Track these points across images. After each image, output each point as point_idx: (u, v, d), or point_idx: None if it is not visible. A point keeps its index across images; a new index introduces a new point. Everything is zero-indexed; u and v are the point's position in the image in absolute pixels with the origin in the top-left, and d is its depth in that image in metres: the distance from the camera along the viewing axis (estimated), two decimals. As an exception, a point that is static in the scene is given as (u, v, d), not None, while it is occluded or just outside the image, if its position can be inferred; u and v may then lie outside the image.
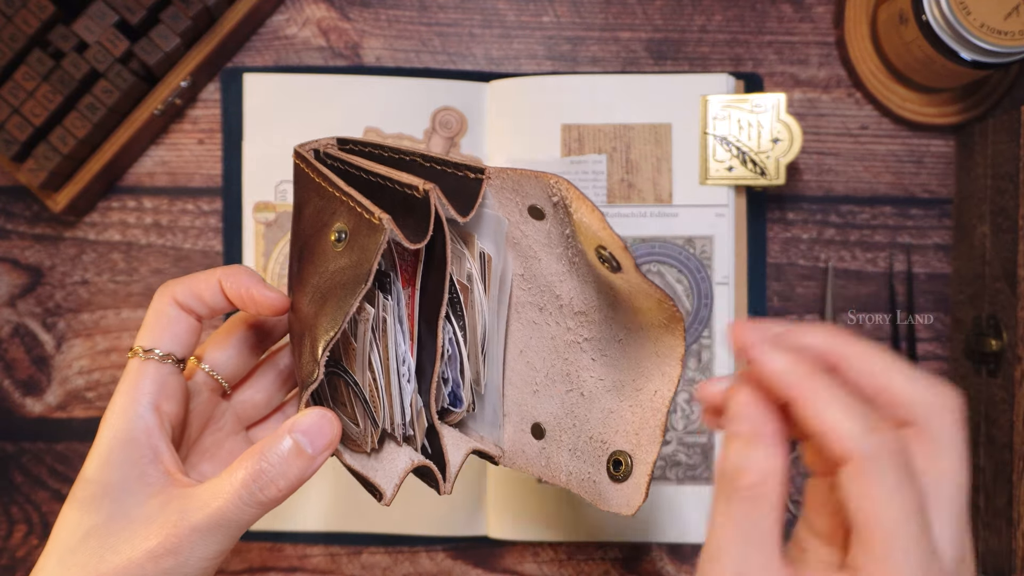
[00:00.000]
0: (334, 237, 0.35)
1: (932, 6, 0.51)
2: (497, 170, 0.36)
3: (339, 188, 0.36)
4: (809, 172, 0.60)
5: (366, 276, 0.33)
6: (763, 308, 0.58)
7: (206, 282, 0.37)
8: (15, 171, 0.55)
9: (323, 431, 0.35)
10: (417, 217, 0.35)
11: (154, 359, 0.36)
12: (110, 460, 0.35)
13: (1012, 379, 0.52)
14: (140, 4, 0.55)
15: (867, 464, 0.27)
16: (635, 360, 0.38)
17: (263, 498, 0.34)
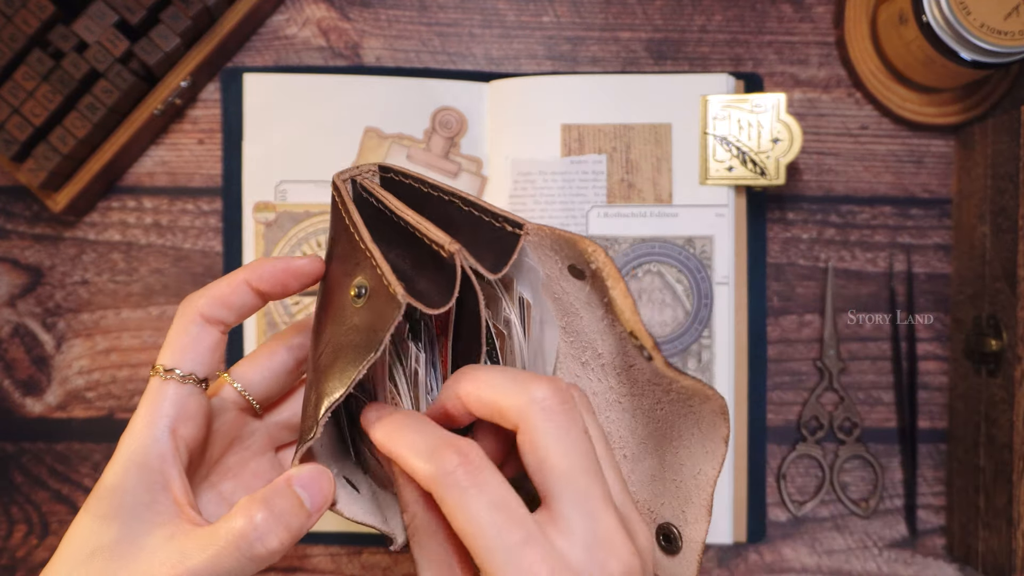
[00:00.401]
0: (354, 292, 0.34)
1: (932, 6, 0.51)
2: (536, 227, 0.35)
3: (364, 241, 0.34)
4: (809, 172, 0.60)
5: (377, 345, 0.32)
6: (763, 308, 0.58)
7: (230, 286, 0.36)
8: (15, 171, 0.55)
9: (322, 488, 0.34)
10: (445, 275, 0.33)
11: (175, 379, 0.35)
12: (124, 481, 0.34)
13: (1012, 379, 0.52)
14: (140, 4, 0.55)
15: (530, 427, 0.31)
16: (676, 429, 0.36)
17: (261, 551, 0.32)
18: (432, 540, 0.33)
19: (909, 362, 0.59)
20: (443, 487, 0.30)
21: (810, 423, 0.59)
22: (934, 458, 0.59)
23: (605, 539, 0.30)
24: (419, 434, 0.32)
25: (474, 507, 0.29)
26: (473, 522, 0.29)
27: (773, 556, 0.59)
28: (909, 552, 0.59)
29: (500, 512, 0.30)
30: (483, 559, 0.29)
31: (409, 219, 0.35)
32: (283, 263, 0.36)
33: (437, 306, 0.33)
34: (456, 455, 0.30)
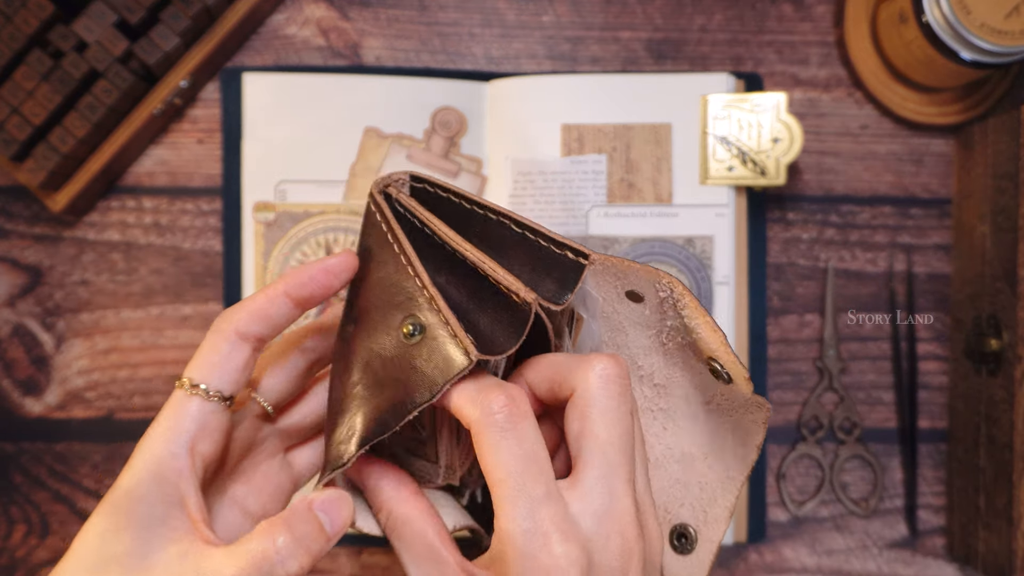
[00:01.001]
0: (407, 330, 0.32)
1: (932, 6, 0.51)
2: (602, 257, 0.33)
3: (421, 278, 0.33)
4: (809, 172, 0.60)
5: (436, 391, 0.31)
6: (763, 308, 0.58)
7: (269, 299, 0.35)
8: (15, 171, 0.55)
9: (341, 512, 0.34)
10: (512, 315, 0.33)
11: (200, 395, 0.35)
12: (139, 492, 0.34)
13: (1012, 379, 0.52)
14: (140, 4, 0.55)
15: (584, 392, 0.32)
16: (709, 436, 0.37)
17: (282, 573, 0.32)
18: (411, 531, 0.34)
19: (909, 362, 0.59)
20: (483, 426, 0.31)
21: (810, 423, 0.59)
22: (934, 458, 0.59)
23: (616, 516, 0.32)
24: (473, 380, 0.33)
25: (507, 452, 0.31)
26: (503, 466, 0.31)
27: (773, 556, 0.59)
28: (909, 552, 0.59)
29: (531, 464, 0.31)
30: (503, 502, 0.31)
31: (469, 256, 0.34)
32: (319, 265, 0.36)
33: (504, 350, 0.32)
34: (503, 396, 0.32)
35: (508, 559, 0.31)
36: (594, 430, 0.32)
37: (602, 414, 0.32)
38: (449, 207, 0.36)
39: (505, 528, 0.31)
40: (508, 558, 0.31)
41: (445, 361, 0.31)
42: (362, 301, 0.35)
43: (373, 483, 0.35)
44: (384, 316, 0.34)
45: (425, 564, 0.34)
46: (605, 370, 0.32)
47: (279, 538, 0.32)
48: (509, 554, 0.31)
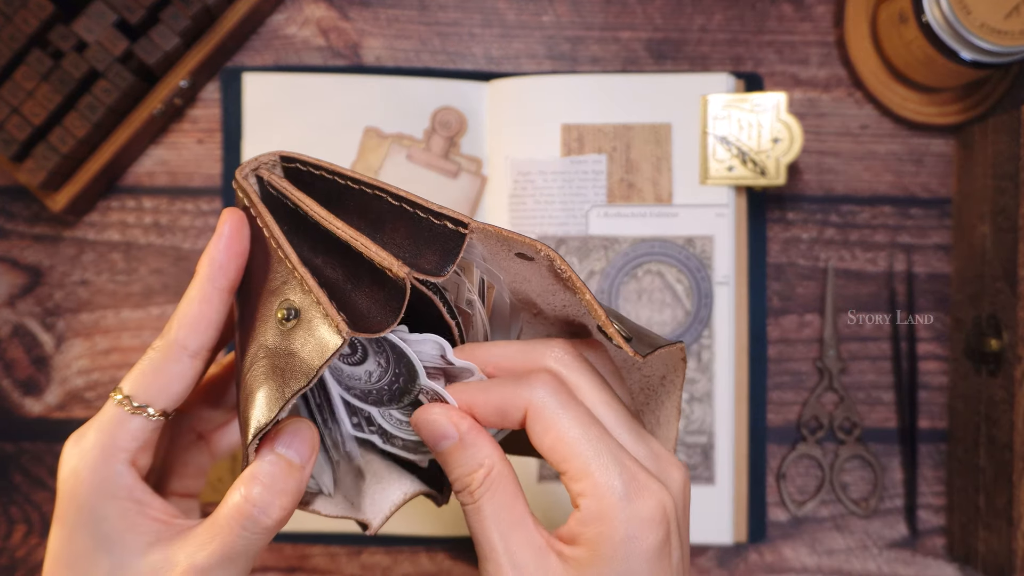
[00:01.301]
0: (282, 315, 0.32)
1: (932, 6, 0.51)
2: (480, 225, 0.32)
3: (290, 260, 0.32)
4: (809, 172, 0.60)
5: (311, 374, 0.30)
6: (763, 308, 0.58)
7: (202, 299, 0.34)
8: (15, 171, 0.55)
9: (305, 438, 0.33)
10: (389, 291, 0.32)
11: (140, 414, 0.33)
12: (93, 515, 0.33)
13: (1012, 379, 0.52)
14: (140, 4, 0.55)
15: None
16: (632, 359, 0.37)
17: (268, 522, 0.32)
18: (507, 489, 0.33)
19: (909, 362, 0.59)
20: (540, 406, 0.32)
21: (810, 423, 0.59)
22: (934, 458, 0.59)
23: (662, 455, 0.34)
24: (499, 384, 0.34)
25: (572, 422, 0.32)
26: (573, 433, 0.32)
27: (773, 556, 0.59)
28: (909, 552, 0.59)
29: (596, 427, 0.32)
30: (586, 462, 0.32)
31: (341, 234, 0.33)
32: (220, 243, 0.34)
33: (382, 328, 0.31)
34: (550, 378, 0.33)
35: (609, 512, 0.31)
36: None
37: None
38: (324, 184, 0.35)
39: (599, 483, 0.31)
40: (610, 510, 0.31)
41: (319, 343, 0.31)
42: (247, 290, 0.34)
43: (475, 437, 0.33)
44: (265, 303, 0.33)
45: (516, 532, 0.33)
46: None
47: (253, 489, 0.32)
48: (611, 505, 0.31)
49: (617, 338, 0.33)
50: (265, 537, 0.32)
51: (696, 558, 0.59)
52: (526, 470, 0.57)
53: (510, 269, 0.35)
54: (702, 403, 0.57)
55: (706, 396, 0.56)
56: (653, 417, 0.38)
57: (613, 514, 0.31)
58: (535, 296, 0.36)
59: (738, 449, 0.57)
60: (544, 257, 0.33)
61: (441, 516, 0.58)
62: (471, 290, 0.36)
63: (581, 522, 0.32)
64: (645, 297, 0.57)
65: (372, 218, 0.34)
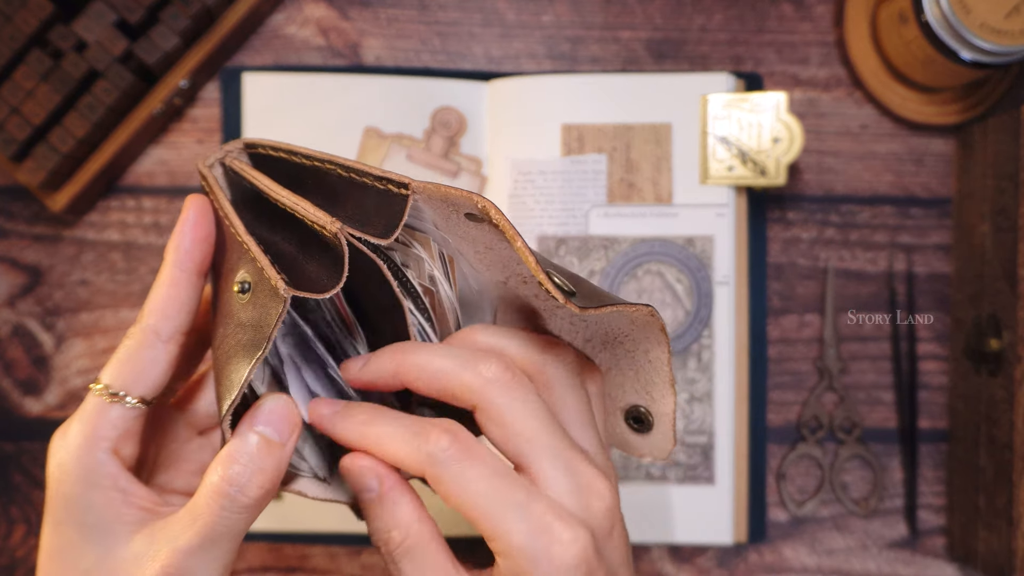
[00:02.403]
0: (237, 288, 0.32)
1: (932, 6, 0.51)
2: (422, 185, 0.32)
3: (239, 233, 0.33)
4: (809, 172, 0.60)
5: (263, 342, 0.31)
6: (763, 308, 0.58)
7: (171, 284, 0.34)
8: (14, 171, 0.55)
9: (283, 415, 0.33)
10: (332, 255, 0.32)
11: (119, 402, 0.33)
12: (80, 502, 0.33)
13: (1012, 379, 0.52)
14: (140, 4, 0.55)
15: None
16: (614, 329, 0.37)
17: (247, 501, 0.32)
18: (429, 549, 0.33)
19: (909, 362, 0.59)
20: (440, 466, 0.32)
21: (810, 423, 0.59)
22: (934, 458, 0.59)
23: (585, 484, 0.33)
24: (393, 422, 0.33)
25: (474, 480, 0.31)
26: (478, 493, 0.31)
27: (773, 556, 0.59)
28: (909, 552, 0.59)
29: (499, 478, 0.31)
30: (494, 523, 0.31)
31: (285, 201, 0.33)
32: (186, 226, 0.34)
33: (327, 289, 0.31)
34: (446, 435, 0.32)
35: (523, 571, 0.31)
36: (517, 430, 0.32)
37: (517, 416, 0.32)
38: (285, 166, 0.35)
39: (508, 544, 0.31)
40: (523, 570, 0.31)
41: (267, 307, 0.31)
42: (216, 277, 0.35)
43: (395, 497, 0.34)
44: (225, 283, 0.33)
45: None
46: (497, 377, 0.32)
47: (230, 468, 0.32)
48: (522, 565, 0.31)
49: (550, 287, 0.32)
50: (246, 516, 0.32)
51: (696, 558, 0.59)
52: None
53: (467, 236, 0.35)
54: (702, 403, 0.57)
55: (706, 396, 0.57)
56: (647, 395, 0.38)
57: (526, 574, 0.31)
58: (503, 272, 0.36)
59: (738, 449, 0.57)
60: (482, 210, 0.32)
61: (441, 516, 0.58)
62: (431, 264, 0.36)
63: None
64: (645, 297, 0.57)
65: (329, 193, 0.34)
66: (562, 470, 0.32)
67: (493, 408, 0.32)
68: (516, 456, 0.33)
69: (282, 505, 0.58)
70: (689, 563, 0.59)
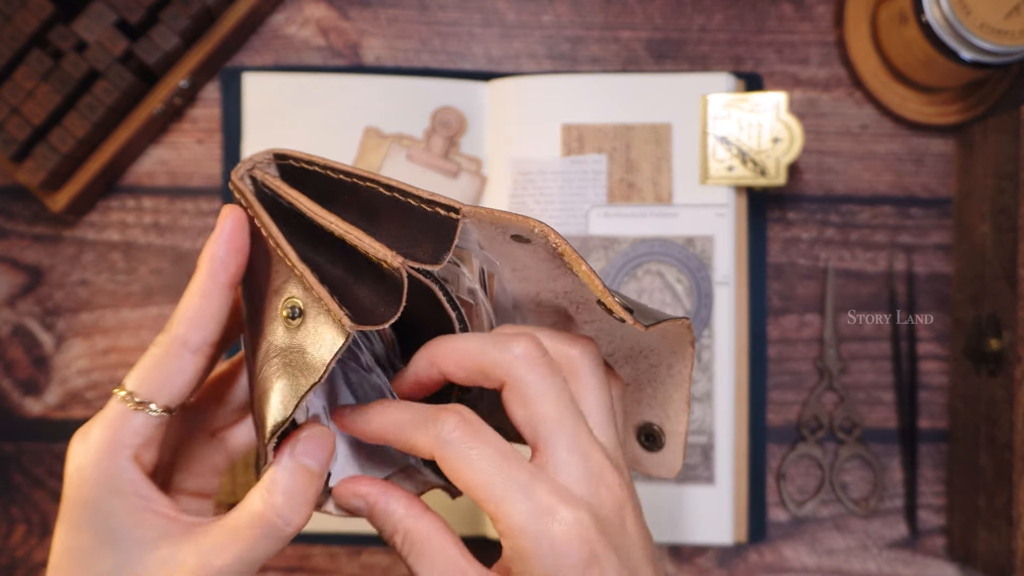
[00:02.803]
0: (287, 314, 0.32)
1: (932, 6, 0.51)
2: (473, 210, 0.32)
3: (290, 258, 0.32)
4: (809, 172, 0.60)
5: (319, 371, 0.31)
6: (763, 308, 0.58)
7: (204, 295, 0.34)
8: (15, 171, 0.55)
9: (322, 444, 0.33)
10: (388, 284, 0.32)
11: (144, 411, 0.33)
12: (99, 510, 0.33)
13: (1012, 379, 0.52)
14: (140, 4, 0.55)
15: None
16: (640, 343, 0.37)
17: (290, 531, 0.32)
18: (433, 547, 0.33)
19: (909, 362, 0.59)
20: (448, 447, 0.32)
21: (810, 423, 0.59)
22: (934, 458, 0.59)
23: (596, 473, 0.33)
24: (406, 411, 0.34)
25: (479, 460, 0.32)
26: (482, 472, 0.32)
27: (773, 556, 0.59)
28: (909, 552, 0.59)
29: (505, 459, 0.32)
30: (497, 503, 0.31)
31: (336, 229, 0.33)
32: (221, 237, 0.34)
33: (384, 320, 0.31)
34: (453, 416, 0.32)
35: (525, 551, 0.31)
36: (541, 411, 0.33)
37: (542, 395, 0.33)
38: (317, 180, 0.35)
39: (509, 525, 0.31)
40: (525, 550, 0.31)
41: (324, 338, 0.31)
42: (251, 290, 0.35)
43: (383, 506, 0.34)
44: (270, 303, 0.33)
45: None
46: (526, 353, 0.33)
47: (277, 498, 0.32)
48: (524, 545, 0.31)
49: (616, 308, 0.32)
50: (283, 544, 0.33)
51: (696, 558, 0.59)
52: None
53: (509, 255, 0.35)
54: (702, 403, 0.56)
55: (706, 396, 0.57)
56: (662, 412, 0.38)
57: (528, 553, 0.31)
58: (536, 286, 0.36)
59: (738, 449, 0.57)
60: (539, 234, 0.32)
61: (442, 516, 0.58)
62: (472, 280, 0.36)
63: (508, 560, 0.32)
64: (645, 297, 0.57)
65: (367, 211, 0.34)
66: (576, 455, 0.33)
67: (519, 384, 0.33)
68: (534, 436, 0.33)
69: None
70: (689, 563, 0.59)
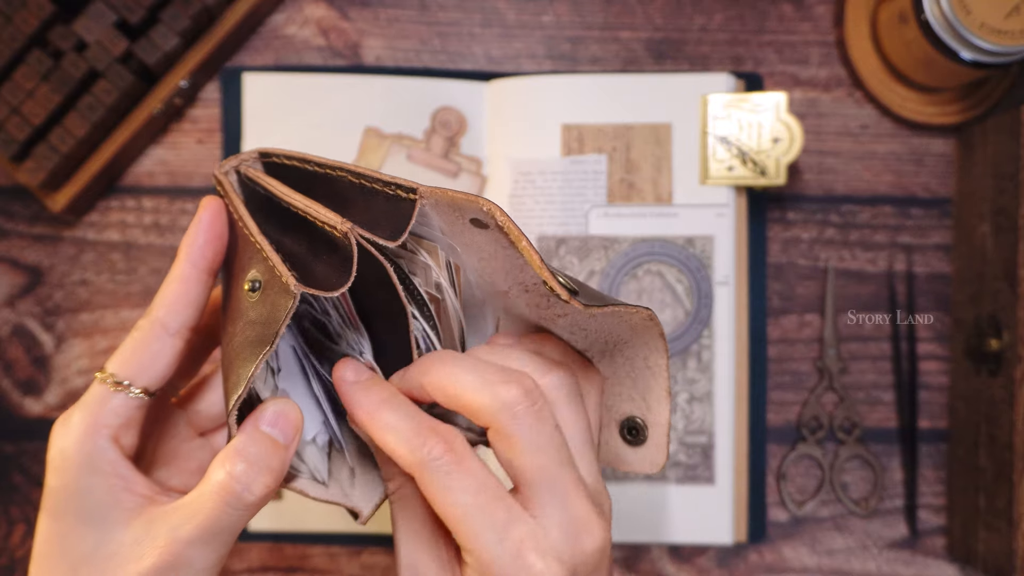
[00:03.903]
0: (248, 287, 0.33)
1: (932, 5, 0.51)
2: (429, 190, 0.33)
3: (252, 234, 0.34)
4: (809, 172, 0.60)
5: (272, 338, 0.31)
6: (763, 308, 0.58)
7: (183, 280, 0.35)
8: (14, 171, 0.55)
9: (288, 418, 0.34)
10: (341, 255, 0.33)
11: (123, 391, 0.34)
12: (78, 489, 0.33)
13: (1012, 379, 0.52)
14: (140, 4, 0.55)
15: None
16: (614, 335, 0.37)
17: (251, 499, 0.33)
18: (415, 512, 0.33)
19: (909, 362, 0.59)
20: (428, 472, 0.32)
21: (810, 423, 0.59)
22: (934, 458, 0.59)
23: (579, 520, 0.32)
24: (401, 417, 0.33)
25: (459, 491, 0.31)
26: (458, 505, 0.31)
27: (773, 556, 0.59)
28: (909, 552, 0.59)
29: (484, 494, 0.31)
30: (470, 538, 0.31)
31: (297, 204, 0.34)
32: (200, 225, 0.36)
33: (335, 288, 0.32)
34: (441, 443, 0.32)
35: None
36: (525, 460, 0.32)
37: (528, 444, 0.32)
38: (298, 173, 0.36)
39: (480, 560, 0.31)
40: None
41: (276, 303, 0.32)
42: (227, 278, 0.37)
43: None
44: (238, 281, 0.35)
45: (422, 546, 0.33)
46: (515, 406, 0.32)
47: (237, 466, 0.32)
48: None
49: (555, 285, 0.32)
50: (247, 513, 0.33)
51: (696, 558, 0.59)
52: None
53: (472, 244, 0.35)
54: (702, 403, 0.56)
55: (706, 396, 0.56)
56: (643, 403, 0.38)
57: None
58: (505, 278, 0.36)
59: (738, 449, 0.57)
60: (487, 213, 0.32)
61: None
62: (438, 273, 0.36)
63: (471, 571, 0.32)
64: (645, 297, 0.57)
65: (338, 199, 0.35)
66: (558, 502, 0.32)
67: (503, 432, 0.32)
68: (517, 480, 0.33)
69: (282, 505, 0.58)
70: (689, 563, 0.59)
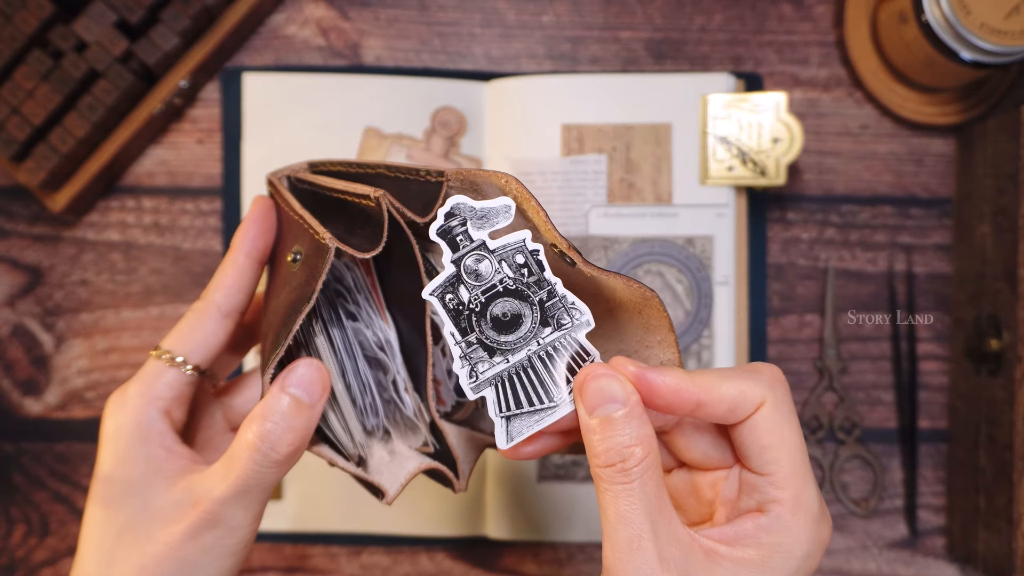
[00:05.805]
0: (290, 258, 0.36)
1: (932, 6, 0.51)
2: (455, 171, 0.36)
3: (295, 211, 0.37)
4: (809, 172, 0.60)
5: (310, 295, 0.34)
6: (763, 308, 0.58)
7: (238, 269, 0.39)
8: (15, 171, 0.55)
9: (314, 379, 0.35)
10: (374, 226, 0.36)
11: (177, 367, 0.37)
12: (127, 457, 0.36)
13: (1012, 379, 0.52)
14: (140, 4, 0.55)
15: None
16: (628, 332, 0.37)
17: (278, 456, 0.34)
18: (659, 475, 0.31)
19: (909, 362, 0.59)
20: (777, 404, 0.32)
21: (810, 423, 0.59)
22: (934, 458, 0.59)
23: (824, 512, 0.33)
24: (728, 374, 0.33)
25: (797, 430, 0.32)
26: (798, 438, 0.32)
27: (773, 556, 0.59)
28: (909, 552, 0.59)
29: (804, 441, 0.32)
30: (797, 472, 0.32)
31: (337, 187, 0.37)
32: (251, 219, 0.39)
33: (367, 250, 0.34)
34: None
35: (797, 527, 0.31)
36: (789, 438, 0.32)
37: (794, 429, 0.32)
38: (341, 176, 0.40)
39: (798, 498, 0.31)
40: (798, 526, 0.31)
41: (315, 264, 0.34)
42: (272, 265, 0.40)
43: (640, 412, 0.32)
44: (283, 259, 0.38)
45: (665, 522, 0.31)
46: (782, 386, 0.32)
47: (265, 424, 0.34)
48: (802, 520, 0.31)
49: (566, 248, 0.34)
50: (276, 471, 0.35)
51: (696, 558, 0.59)
52: (527, 469, 0.57)
53: None
54: (702, 403, 0.56)
55: (706, 396, 0.56)
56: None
57: (801, 530, 0.31)
58: None
59: (738, 449, 0.57)
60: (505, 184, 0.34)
61: (441, 516, 0.58)
62: None
63: (762, 528, 0.31)
64: (645, 297, 0.57)
65: None
66: (814, 490, 0.32)
67: (779, 408, 0.32)
68: (772, 461, 0.32)
69: (282, 505, 0.58)
70: (689, 563, 0.59)
